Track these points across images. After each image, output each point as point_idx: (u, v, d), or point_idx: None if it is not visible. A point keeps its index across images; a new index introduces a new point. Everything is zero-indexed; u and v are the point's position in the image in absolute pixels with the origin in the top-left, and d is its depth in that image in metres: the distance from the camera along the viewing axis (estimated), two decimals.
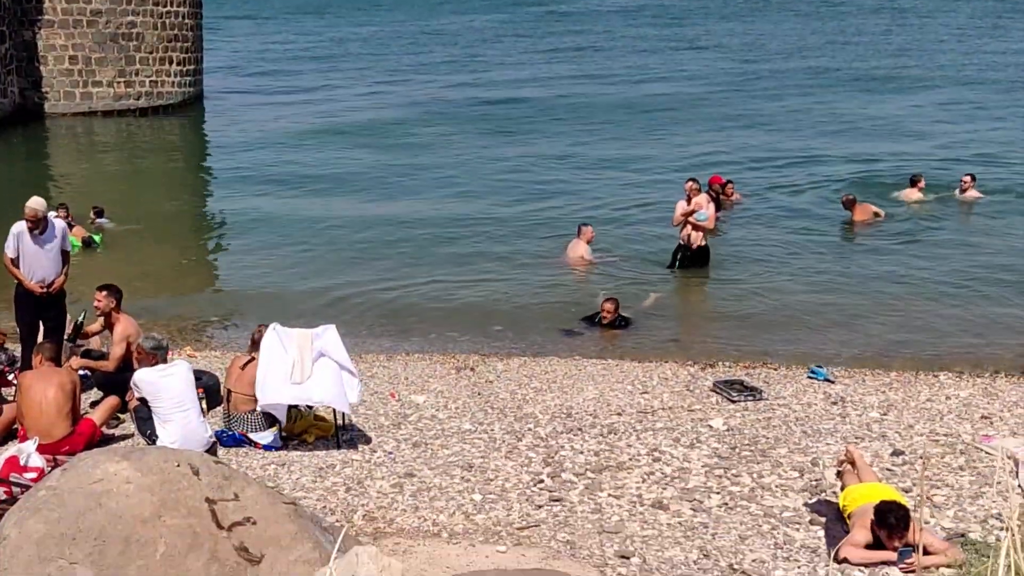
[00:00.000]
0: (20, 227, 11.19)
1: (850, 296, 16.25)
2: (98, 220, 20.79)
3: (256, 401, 10.18)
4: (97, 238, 19.58)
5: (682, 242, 17.37)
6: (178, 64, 35.89)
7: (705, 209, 17.12)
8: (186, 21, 36.13)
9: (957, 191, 21.93)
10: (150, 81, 35.03)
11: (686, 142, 30.21)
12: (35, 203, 11.16)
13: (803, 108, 35.93)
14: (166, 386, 9.83)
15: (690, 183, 17.43)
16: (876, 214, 20.60)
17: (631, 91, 40.42)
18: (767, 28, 62.89)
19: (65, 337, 11.62)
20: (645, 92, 40.20)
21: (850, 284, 16.85)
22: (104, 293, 11.30)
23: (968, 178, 21.98)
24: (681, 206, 17.22)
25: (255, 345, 10.51)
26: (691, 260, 17.32)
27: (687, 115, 35.14)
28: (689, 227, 17.18)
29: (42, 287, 11.22)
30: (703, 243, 17.31)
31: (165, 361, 10.25)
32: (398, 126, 33.44)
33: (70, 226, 19.50)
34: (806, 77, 43.14)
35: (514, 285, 17.10)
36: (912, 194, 22.01)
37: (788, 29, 62.02)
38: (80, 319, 11.67)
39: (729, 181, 22.27)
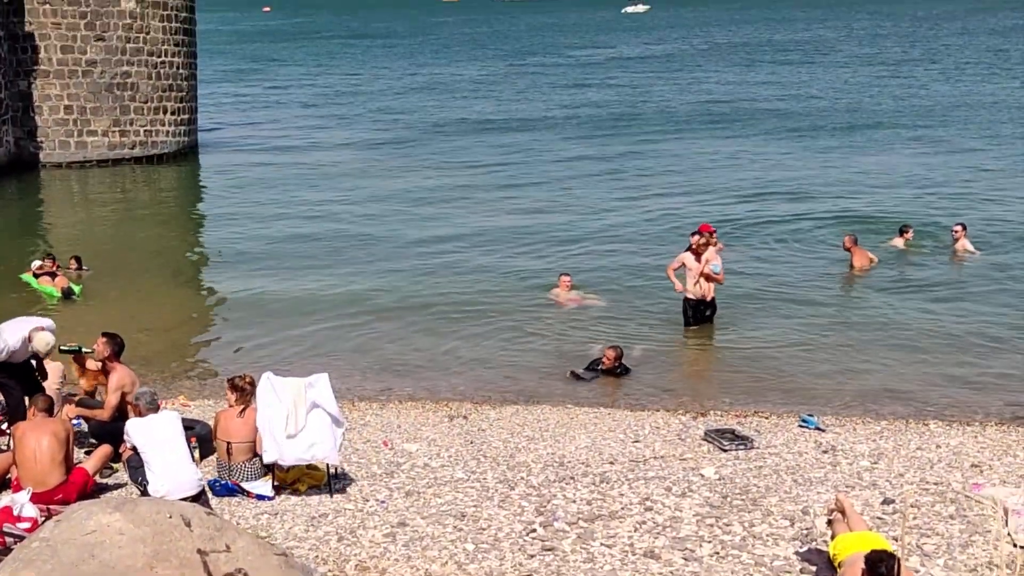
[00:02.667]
0: (13, 343, 11.23)
1: (841, 345, 16.31)
2: (80, 270, 20.90)
3: (253, 450, 10.21)
4: (76, 289, 19.64)
5: (692, 297, 16.89)
6: (173, 114, 36.12)
7: (717, 260, 16.84)
8: (180, 71, 36.41)
9: (951, 241, 21.92)
10: (145, 131, 35.23)
11: (674, 183, 30.64)
12: (42, 345, 11.17)
13: (795, 152, 36.29)
14: (153, 432, 9.87)
15: (696, 237, 16.94)
16: (871, 260, 20.73)
17: (625, 134, 40.82)
18: (759, 76, 63.57)
19: (60, 346, 11.80)
20: (636, 134, 40.62)
21: (841, 333, 16.91)
22: (103, 340, 11.39)
23: (959, 228, 21.99)
24: (688, 260, 16.77)
25: (240, 393, 10.50)
26: (707, 314, 17.02)
27: (673, 157, 35.67)
28: (699, 281, 16.79)
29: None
30: (713, 294, 17.05)
31: (155, 411, 10.30)
32: (389, 172, 33.68)
33: (53, 275, 19.69)
34: (796, 122, 43.58)
35: (507, 331, 17.16)
36: (899, 243, 22.14)
37: (781, 78, 62.70)
38: (80, 346, 11.82)
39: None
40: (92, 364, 11.83)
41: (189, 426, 10.72)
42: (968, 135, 39.37)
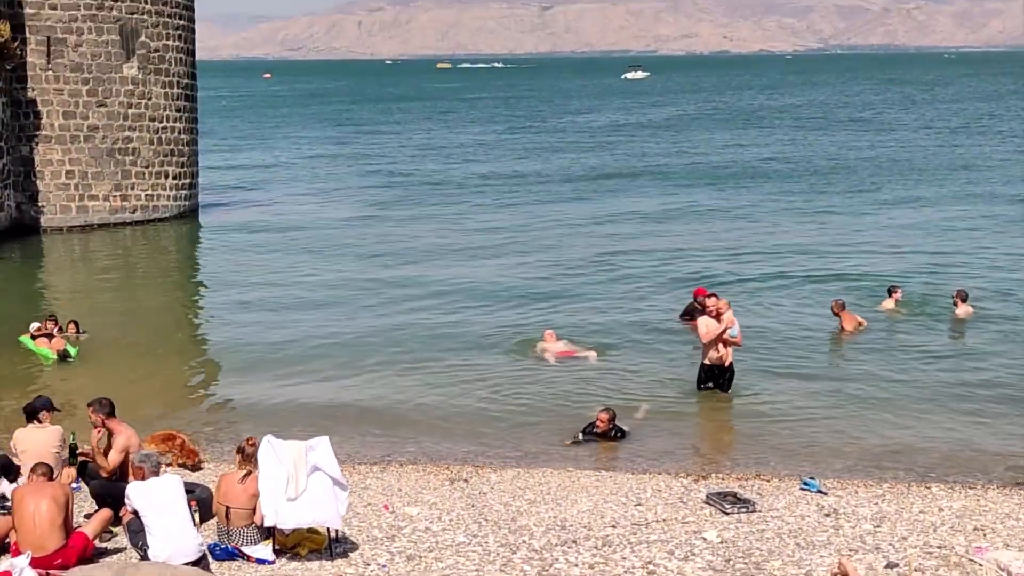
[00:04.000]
0: None
1: (840, 409, 16.28)
2: (78, 334, 20.89)
3: (253, 515, 10.16)
4: (73, 351, 19.62)
5: (709, 362, 16.68)
6: (174, 178, 36.30)
7: (735, 324, 16.58)
8: (182, 136, 36.64)
9: (950, 306, 21.86)
10: (146, 195, 35.36)
11: (670, 245, 30.87)
12: None
13: (790, 215, 36.51)
14: (154, 495, 9.85)
15: (712, 299, 16.72)
16: (859, 323, 20.74)
17: (622, 196, 41.07)
18: (755, 140, 64.10)
19: (74, 465, 11.86)
20: (634, 196, 40.89)
21: (840, 397, 16.88)
22: (90, 410, 11.44)
23: (958, 294, 21.93)
24: (708, 324, 16.47)
25: (245, 457, 10.50)
26: (726, 379, 16.75)
27: (669, 218, 36.13)
28: (718, 346, 16.52)
29: None
30: (731, 359, 16.75)
31: (157, 474, 10.28)
32: (388, 237, 33.78)
33: (50, 337, 19.70)
34: (791, 185, 43.92)
35: (506, 393, 17.13)
36: (888, 304, 22.16)
37: (776, 141, 63.24)
38: (71, 440, 11.82)
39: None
40: (102, 441, 11.63)
41: (190, 490, 10.70)
42: (962, 197, 39.70)
